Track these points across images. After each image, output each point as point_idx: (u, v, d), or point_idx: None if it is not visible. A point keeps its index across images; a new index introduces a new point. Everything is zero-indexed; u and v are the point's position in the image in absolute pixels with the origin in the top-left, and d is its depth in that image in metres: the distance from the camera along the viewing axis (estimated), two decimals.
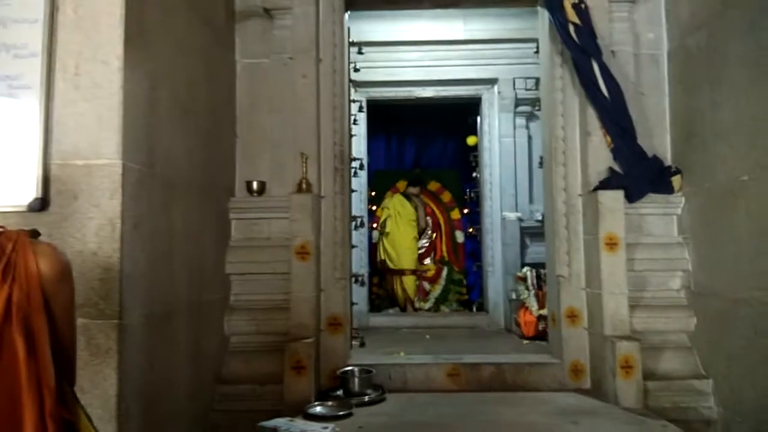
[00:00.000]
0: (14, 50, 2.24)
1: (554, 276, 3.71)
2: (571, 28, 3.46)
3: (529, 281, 5.55)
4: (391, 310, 7.08)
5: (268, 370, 3.34)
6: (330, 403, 3.22)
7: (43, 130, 2.18)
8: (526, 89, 6.08)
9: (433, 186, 8.62)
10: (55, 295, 1.31)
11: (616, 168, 3.48)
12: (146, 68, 2.41)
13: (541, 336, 5.21)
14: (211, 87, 3.28)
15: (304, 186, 3.52)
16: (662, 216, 3.55)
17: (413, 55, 6.18)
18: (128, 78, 2.24)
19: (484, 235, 6.51)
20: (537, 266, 5.65)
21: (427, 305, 7.43)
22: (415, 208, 7.61)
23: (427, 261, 7.99)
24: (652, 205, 3.50)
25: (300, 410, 3.09)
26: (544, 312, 5.29)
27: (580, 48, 3.45)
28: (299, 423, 2.90)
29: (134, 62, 2.29)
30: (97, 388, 2.15)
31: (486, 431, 2.80)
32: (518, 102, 6.13)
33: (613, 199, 3.33)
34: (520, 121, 6.20)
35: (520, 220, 6.04)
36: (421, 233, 7.70)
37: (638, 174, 3.43)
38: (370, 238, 7.29)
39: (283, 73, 3.68)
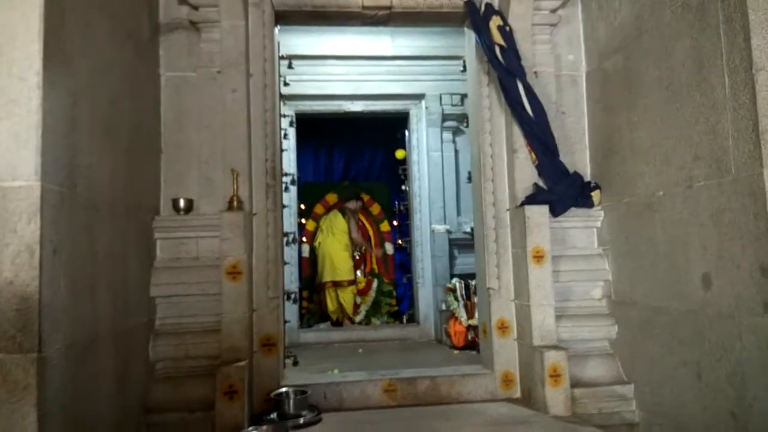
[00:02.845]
0: None
1: (485, 288, 3.81)
2: (497, 50, 3.59)
3: (459, 292, 5.68)
4: (322, 325, 7.02)
5: (198, 395, 3.21)
6: (264, 427, 3.13)
7: None
8: (453, 105, 6.26)
9: (363, 198, 8.66)
10: None
11: (541, 183, 3.63)
12: (66, 85, 2.28)
13: (470, 346, 5.34)
14: (135, 103, 3.14)
15: (235, 203, 3.43)
16: (583, 229, 3.74)
17: (341, 69, 6.21)
18: (47, 95, 2.10)
19: (414, 247, 6.60)
20: (466, 277, 5.80)
21: (359, 318, 7.42)
22: (347, 221, 7.59)
23: (358, 273, 7.98)
24: (574, 218, 3.68)
25: None
26: (473, 322, 5.44)
27: (506, 69, 3.58)
28: None
29: (54, 78, 2.16)
30: (14, 429, 1.99)
31: None
32: (445, 117, 6.30)
33: (539, 214, 3.46)
34: (447, 135, 6.37)
35: (449, 232, 6.18)
36: (355, 247, 7.65)
37: (562, 189, 3.59)
38: (299, 252, 7.21)
39: (211, 88, 3.58)
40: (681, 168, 2.89)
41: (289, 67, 5.08)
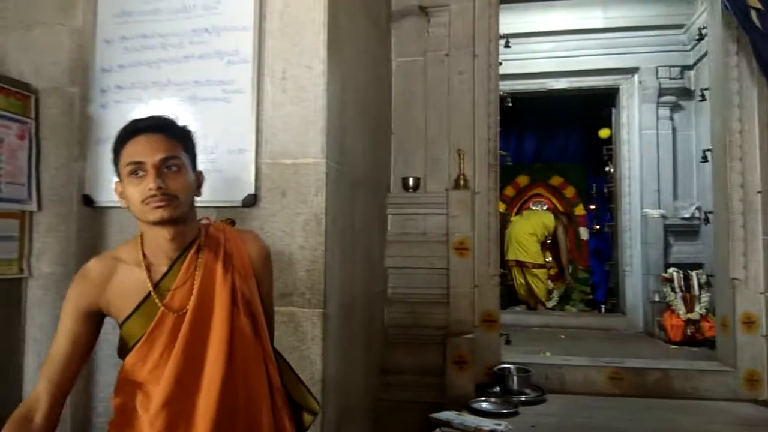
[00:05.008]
0: (227, 57, 2.42)
1: (727, 279, 3.48)
2: (753, 13, 3.22)
3: (676, 282, 5.24)
4: (517, 308, 6.97)
5: (428, 362, 3.40)
6: (493, 399, 3.22)
7: (255, 132, 2.35)
8: (671, 78, 5.74)
9: (556, 181, 8.38)
10: (262, 278, 1.43)
11: None
12: (339, 71, 2.52)
13: (690, 341, 4.92)
14: (377, 87, 3.38)
15: (461, 182, 3.54)
16: None
17: (547, 46, 6.03)
18: (329, 81, 2.35)
19: (620, 233, 6.22)
20: (684, 267, 5.34)
21: (551, 303, 7.24)
22: (557, 225, 7.34)
23: (549, 258, 7.76)
24: None
25: (461, 404, 3.12)
26: (692, 316, 5.00)
27: (763, 33, 3.20)
28: (469, 418, 2.93)
29: (332, 66, 2.40)
30: (303, 372, 2.28)
31: None
32: (662, 92, 5.79)
33: None
34: (664, 112, 5.85)
35: (664, 217, 5.70)
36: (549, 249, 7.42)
37: None
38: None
39: (438, 70, 3.71)
40: None
41: (506, 46, 5.04)
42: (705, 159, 4.86)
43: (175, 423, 1.24)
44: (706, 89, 4.71)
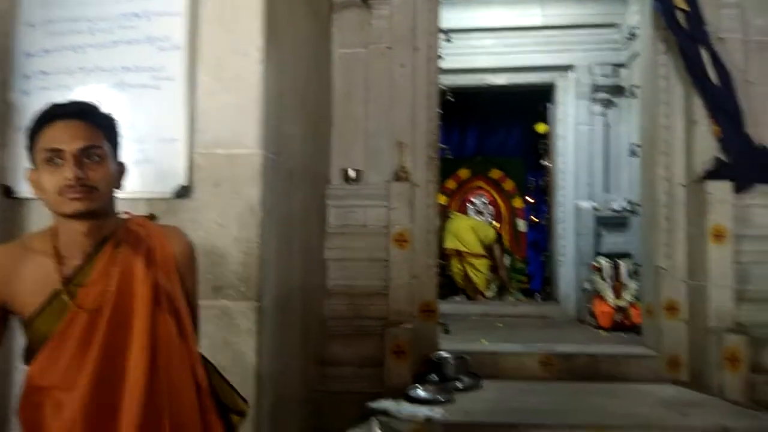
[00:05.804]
0: (158, 42, 2.34)
1: (652, 267, 3.66)
2: (679, 15, 3.38)
3: (605, 271, 5.50)
4: (457, 298, 7.10)
5: (368, 353, 3.43)
6: (430, 387, 3.28)
7: (187, 121, 2.28)
8: (605, 76, 5.97)
9: (495, 174, 8.57)
10: (187, 275, 1.35)
11: (722, 157, 3.40)
12: (277, 60, 2.48)
13: (618, 327, 5.16)
14: (317, 78, 3.35)
15: (402, 174, 3.57)
16: None
17: (487, 42, 6.14)
18: (266, 69, 2.32)
19: (555, 224, 6.45)
20: (613, 256, 5.59)
21: (490, 293, 7.42)
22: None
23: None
24: (759, 196, 3.41)
25: (400, 393, 3.16)
26: (620, 303, 5.25)
27: (688, 35, 3.37)
28: (406, 406, 2.98)
29: (270, 54, 2.36)
30: (237, 366, 2.25)
31: (598, 420, 2.80)
32: (595, 89, 6.02)
33: (721, 190, 3.26)
34: (597, 108, 6.08)
35: (596, 209, 5.94)
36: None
37: (746, 164, 3.34)
38: None
39: (379, 63, 3.71)
40: None
41: (447, 40, 5.09)
42: (633, 153, 5.08)
43: None
44: (636, 86, 4.92)
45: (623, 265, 5.43)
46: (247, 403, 1.49)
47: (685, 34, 3.36)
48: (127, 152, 1.35)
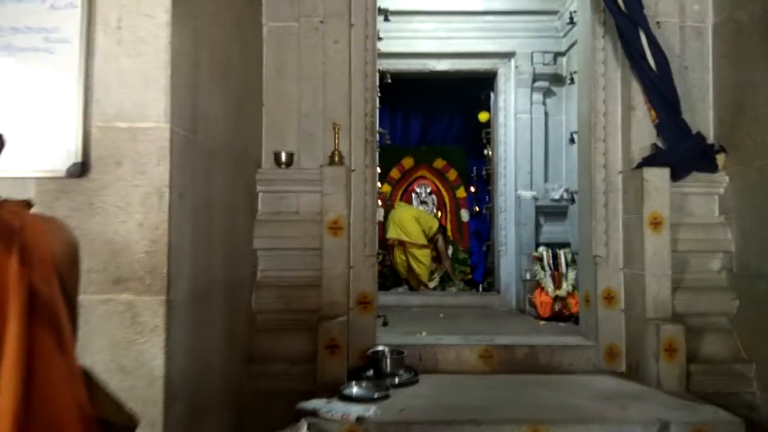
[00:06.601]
0: (50, 1, 2.03)
1: (590, 256, 3.61)
2: None
3: (545, 261, 5.47)
4: (399, 289, 6.97)
5: (300, 348, 3.22)
6: (364, 384, 3.10)
7: (83, 89, 1.99)
8: (545, 64, 5.94)
9: (439, 164, 8.47)
10: (68, 278, 1.12)
11: (659, 144, 3.36)
12: (190, 24, 2.22)
13: (557, 317, 5.16)
14: (243, 51, 3.09)
15: (336, 158, 3.35)
16: (704, 195, 3.46)
17: (429, 26, 5.99)
18: (175, 34, 2.05)
19: (496, 214, 6.40)
20: (553, 246, 5.58)
21: (433, 284, 7.33)
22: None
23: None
24: (694, 184, 3.40)
25: (334, 390, 2.97)
26: (560, 293, 5.24)
27: (627, 17, 3.30)
28: (338, 405, 2.78)
29: (180, 17, 2.10)
30: (142, 369, 2.00)
31: (536, 415, 2.69)
32: (536, 77, 5.98)
33: (658, 177, 3.22)
34: (537, 96, 6.05)
35: (536, 198, 5.92)
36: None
37: (683, 151, 3.32)
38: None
39: (312, 39, 3.48)
40: None
41: (386, 19, 4.90)
42: (572, 141, 5.05)
43: None
44: (575, 73, 4.88)
45: (563, 255, 5.42)
46: (135, 415, 1.26)
47: (624, 17, 3.29)
48: (12, 124, 1.09)
